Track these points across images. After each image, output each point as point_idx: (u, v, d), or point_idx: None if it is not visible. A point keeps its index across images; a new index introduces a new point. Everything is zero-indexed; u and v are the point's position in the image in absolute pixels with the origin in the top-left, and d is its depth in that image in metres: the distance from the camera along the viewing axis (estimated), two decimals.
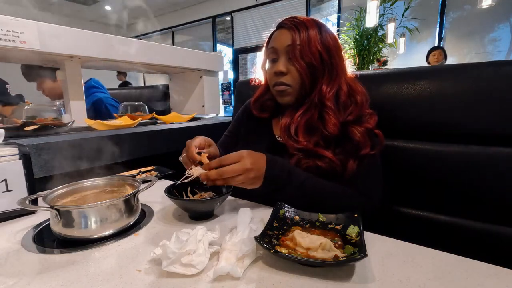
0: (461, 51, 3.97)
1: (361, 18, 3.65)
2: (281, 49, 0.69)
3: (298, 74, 0.68)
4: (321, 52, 0.66)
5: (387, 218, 0.78)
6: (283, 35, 0.69)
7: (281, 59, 0.69)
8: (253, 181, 0.55)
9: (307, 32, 0.66)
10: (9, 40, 0.89)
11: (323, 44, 0.67)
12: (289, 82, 0.69)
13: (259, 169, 0.56)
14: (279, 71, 0.69)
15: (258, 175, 0.56)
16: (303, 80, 0.68)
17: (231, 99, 5.56)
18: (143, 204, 0.66)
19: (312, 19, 0.69)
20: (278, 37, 0.70)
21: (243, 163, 0.54)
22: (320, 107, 0.68)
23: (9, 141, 0.66)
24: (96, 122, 1.13)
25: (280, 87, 0.70)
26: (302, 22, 0.67)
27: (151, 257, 0.43)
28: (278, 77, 0.70)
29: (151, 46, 1.36)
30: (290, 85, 0.69)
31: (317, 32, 0.67)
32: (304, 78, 0.68)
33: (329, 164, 0.65)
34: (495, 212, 0.68)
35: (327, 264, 0.40)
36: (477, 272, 0.40)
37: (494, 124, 0.68)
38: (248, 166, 0.54)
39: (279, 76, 0.69)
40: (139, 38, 6.87)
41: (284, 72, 0.69)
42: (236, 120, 0.92)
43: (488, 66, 0.70)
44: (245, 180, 0.54)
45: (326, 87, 0.67)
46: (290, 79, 0.69)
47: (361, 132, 0.65)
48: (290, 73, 0.69)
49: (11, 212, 0.58)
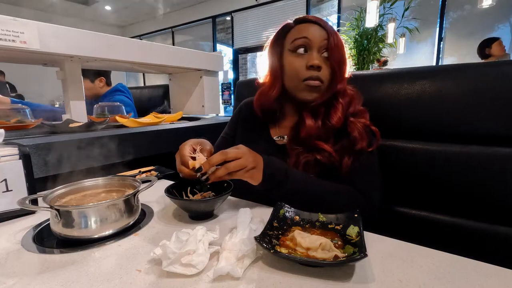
0: (461, 51, 3.97)
1: (361, 18, 3.65)
2: (316, 42, 0.66)
3: (329, 72, 0.68)
4: (344, 55, 0.69)
5: (387, 218, 0.78)
6: (317, 29, 0.67)
7: (314, 52, 0.67)
8: (252, 165, 0.56)
9: (337, 36, 0.68)
10: (9, 40, 0.89)
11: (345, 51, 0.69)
12: (323, 78, 0.67)
13: (256, 158, 0.58)
14: (317, 65, 0.65)
15: (256, 162, 0.57)
16: (331, 79, 0.68)
17: (231, 99, 5.56)
18: (143, 204, 0.66)
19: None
20: (312, 30, 0.67)
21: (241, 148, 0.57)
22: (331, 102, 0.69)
23: (9, 141, 0.66)
24: (128, 120, 1.21)
25: (315, 82, 0.67)
26: (329, 24, 0.69)
27: (151, 257, 0.43)
28: (314, 72, 0.66)
29: (151, 46, 1.36)
30: (323, 82, 0.67)
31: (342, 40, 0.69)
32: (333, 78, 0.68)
33: (328, 158, 0.65)
34: (495, 212, 0.68)
35: (327, 264, 0.40)
36: (477, 272, 0.40)
37: (494, 124, 0.68)
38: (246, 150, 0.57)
39: (314, 70, 0.66)
40: (139, 38, 6.88)
41: (321, 66, 0.66)
42: (232, 121, 0.91)
43: (488, 66, 0.70)
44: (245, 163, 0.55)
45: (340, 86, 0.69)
46: (324, 75, 0.67)
47: (358, 127, 0.66)
48: (323, 70, 0.67)
49: (11, 212, 0.58)
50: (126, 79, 7.25)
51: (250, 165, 0.56)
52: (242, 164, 0.55)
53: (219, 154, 0.55)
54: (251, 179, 0.58)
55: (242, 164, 0.55)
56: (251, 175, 0.57)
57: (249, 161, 0.56)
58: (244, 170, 0.55)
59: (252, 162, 0.56)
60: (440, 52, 4.03)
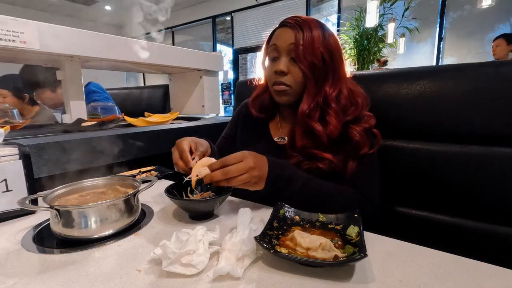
0: (461, 51, 3.97)
1: (361, 18, 3.65)
2: (283, 47, 0.68)
3: (300, 75, 0.67)
4: (323, 54, 0.66)
5: (387, 218, 0.78)
6: (286, 33, 0.67)
7: (282, 58, 0.68)
8: (256, 180, 0.55)
9: (310, 33, 0.65)
10: (9, 40, 0.89)
11: (326, 46, 0.66)
12: (288, 83, 0.68)
13: (261, 169, 0.56)
14: (280, 71, 0.68)
15: (261, 175, 0.55)
16: (304, 81, 0.67)
17: (231, 99, 5.56)
18: (143, 204, 0.66)
19: (315, 20, 0.69)
20: (280, 35, 0.69)
21: (246, 162, 0.53)
22: (323, 107, 0.67)
23: (9, 141, 0.66)
24: (138, 119, 1.21)
25: (279, 86, 0.69)
26: (305, 21, 0.67)
27: (151, 257, 0.43)
28: (278, 77, 0.69)
29: (151, 46, 1.36)
30: (289, 86, 0.69)
31: (320, 33, 0.66)
32: (305, 79, 0.67)
33: (330, 165, 0.65)
34: (495, 212, 0.68)
35: (327, 264, 0.40)
36: (477, 272, 0.40)
37: (494, 124, 0.68)
38: (252, 164, 0.53)
39: (279, 75, 0.69)
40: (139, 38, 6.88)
41: (285, 71, 0.68)
42: (232, 121, 0.91)
43: (488, 66, 0.70)
44: (249, 178, 0.53)
45: (329, 89, 0.67)
46: (291, 79, 0.68)
47: (359, 132, 0.65)
48: (291, 74, 0.68)
49: (11, 212, 0.58)
50: (126, 79, 7.25)
51: (254, 180, 0.54)
52: (241, 168, 0.53)
53: (218, 162, 0.54)
54: (253, 188, 0.57)
55: (241, 168, 0.53)
56: (254, 187, 0.56)
57: (253, 176, 0.54)
58: (247, 184, 0.54)
59: (256, 177, 0.54)
60: (440, 52, 4.03)
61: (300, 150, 0.68)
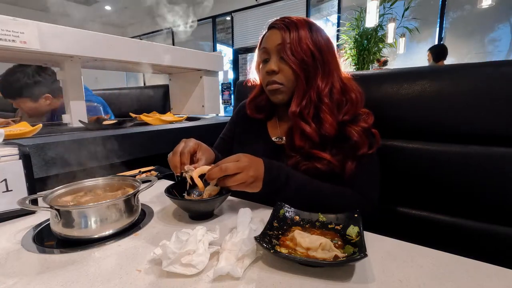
0: (461, 51, 3.97)
1: (361, 18, 3.65)
2: (272, 48, 0.70)
3: (291, 72, 0.68)
4: (312, 50, 0.67)
5: (387, 218, 0.78)
6: (274, 35, 0.69)
7: (272, 58, 0.70)
8: (253, 180, 0.56)
9: (297, 32, 0.67)
10: (9, 40, 0.89)
11: (314, 42, 0.67)
12: (281, 81, 0.70)
13: (257, 169, 0.57)
14: (271, 70, 0.69)
15: (257, 175, 0.56)
16: (296, 78, 0.68)
17: (231, 99, 5.56)
18: (143, 204, 0.66)
19: (303, 19, 0.70)
20: (269, 38, 0.71)
21: (241, 161, 0.55)
22: (317, 104, 0.68)
23: (9, 141, 0.66)
24: (153, 118, 1.29)
25: (272, 86, 0.71)
26: (292, 21, 0.68)
27: (151, 257, 0.43)
28: (270, 76, 0.70)
29: (151, 46, 1.36)
30: (282, 84, 0.70)
31: (308, 31, 0.68)
32: (297, 76, 0.68)
33: (328, 165, 0.65)
34: (495, 212, 0.68)
35: (327, 264, 0.40)
36: (477, 272, 0.40)
37: (494, 124, 0.68)
38: (246, 163, 0.55)
39: (271, 75, 0.70)
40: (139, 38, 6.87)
41: (276, 70, 0.69)
42: (230, 122, 0.92)
43: (488, 66, 0.70)
44: (245, 178, 0.54)
45: (321, 83, 0.68)
46: (282, 77, 0.70)
47: (358, 132, 0.65)
48: (282, 72, 0.69)
49: (11, 212, 0.58)
50: (126, 79, 7.25)
51: (250, 180, 0.55)
52: (243, 179, 0.55)
53: (218, 170, 0.55)
54: (251, 190, 0.58)
55: (243, 179, 0.55)
56: (251, 188, 0.57)
57: (249, 175, 0.55)
58: (244, 184, 0.56)
59: (252, 177, 0.55)
60: None
61: (299, 150, 0.68)
